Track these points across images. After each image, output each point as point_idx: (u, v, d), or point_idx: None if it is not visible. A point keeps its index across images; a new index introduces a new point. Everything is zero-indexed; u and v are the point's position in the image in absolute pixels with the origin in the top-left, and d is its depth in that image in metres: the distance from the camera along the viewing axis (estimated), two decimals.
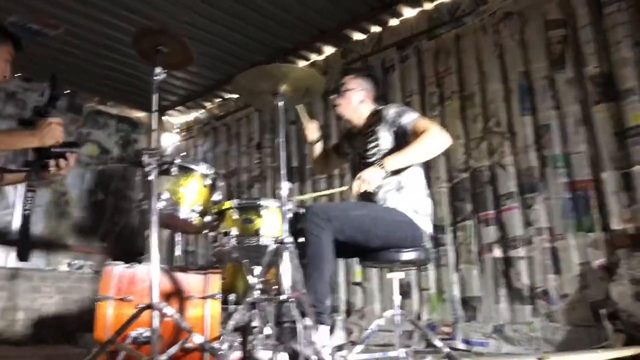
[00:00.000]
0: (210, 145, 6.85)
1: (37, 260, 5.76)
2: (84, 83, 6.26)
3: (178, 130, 7.47)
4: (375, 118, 2.93)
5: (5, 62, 2.50)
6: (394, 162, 2.67)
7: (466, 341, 4.08)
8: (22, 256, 2.34)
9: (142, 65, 5.50)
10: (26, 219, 2.32)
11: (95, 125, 6.64)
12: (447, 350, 2.92)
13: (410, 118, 2.79)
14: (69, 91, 6.37)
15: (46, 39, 5.22)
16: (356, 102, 3.04)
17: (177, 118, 7.44)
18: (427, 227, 2.85)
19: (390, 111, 2.87)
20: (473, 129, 4.45)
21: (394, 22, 5.17)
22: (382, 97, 4.95)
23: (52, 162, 2.35)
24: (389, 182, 2.80)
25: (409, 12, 5.06)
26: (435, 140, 2.70)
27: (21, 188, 5.67)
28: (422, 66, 4.88)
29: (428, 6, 4.91)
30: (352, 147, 3.15)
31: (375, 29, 5.30)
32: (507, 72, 4.31)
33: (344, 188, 2.73)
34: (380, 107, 2.98)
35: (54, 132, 2.33)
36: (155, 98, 2.87)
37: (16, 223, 5.59)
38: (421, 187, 2.91)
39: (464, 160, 4.44)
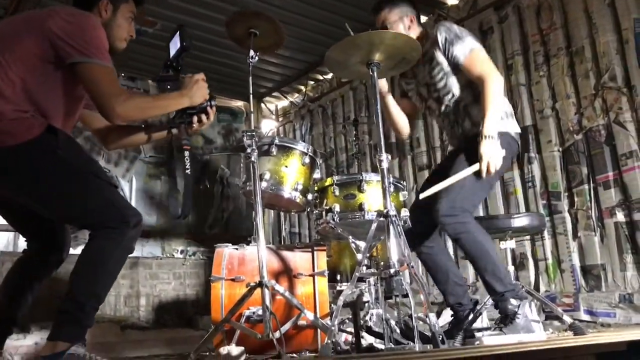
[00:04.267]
0: (307, 127, 6.89)
1: (153, 248, 6.09)
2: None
3: (275, 115, 7.57)
4: (428, 43, 2.83)
5: (128, 21, 2.39)
6: (493, 125, 2.58)
7: (590, 312, 3.83)
8: (184, 212, 2.63)
9: (237, 55, 5.61)
10: (189, 178, 2.58)
11: None
12: (570, 321, 2.75)
13: (461, 50, 2.69)
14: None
15: (146, 36, 5.43)
16: (404, 30, 2.86)
17: (274, 104, 7.55)
18: (516, 128, 2.83)
19: (440, 36, 2.76)
20: (584, 87, 4.13)
21: None
22: None
23: (195, 117, 2.36)
24: (462, 97, 2.81)
25: None
26: (500, 86, 2.64)
27: (135, 181, 6.00)
28: (524, 25, 4.59)
29: None
30: (413, 79, 3.04)
31: None
32: (620, 20, 3.95)
33: (475, 168, 2.57)
34: (427, 30, 2.92)
35: (202, 90, 2.33)
36: (251, 81, 2.90)
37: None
38: None
39: (577, 121, 4.15)
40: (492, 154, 2.53)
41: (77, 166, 2.10)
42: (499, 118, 2.62)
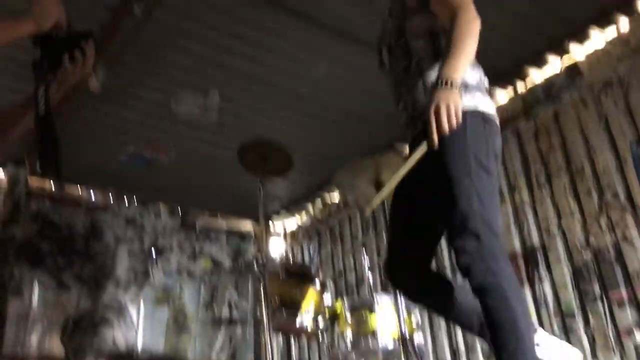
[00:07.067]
0: (315, 248, 6.91)
1: None
2: (195, 200, 6.63)
3: (283, 236, 7.62)
4: None
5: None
6: (457, 68, 1.82)
7: None
8: (44, 168, 1.72)
9: (246, 177, 5.77)
10: (45, 120, 1.68)
11: (207, 239, 6.91)
12: None
13: None
14: (180, 211, 6.74)
15: (159, 163, 5.65)
16: None
17: (282, 224, 7.63)
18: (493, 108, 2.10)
19: None
20: (588, 205, 4.20)
21: None
22: None
23: (65, 55, 1.72)
24: (417, 49, 2.07)
25: (502, 96, 5.04)
26: (477, 28, 1.92)
27: (144, 306, 5.96)
28: (524, 147, 4.76)
29: (521, 89, 4.88)
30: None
31: None
32: (616, 142, 4.11)
33: (422, 150, 1.78)
34: None
35: (48, 8, 1.67)
36: (261, 207, 2.98)
37: (140, 343, 5.79)
38: None
39: (584, 238, 4.17)
40: (448, 100, 1.75)
41: None
42: (467, 65, 1.89)
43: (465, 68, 1.87)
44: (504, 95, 5.03)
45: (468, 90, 1.95)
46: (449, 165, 1.85)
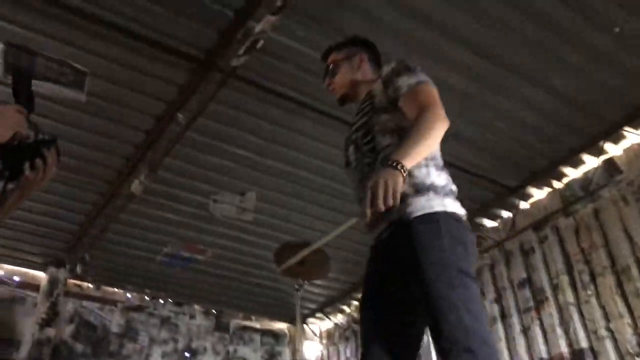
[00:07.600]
0: (352, 350, 6.70)
1: None
2: (230, 301, 6.59)
3: (319, 338, 7.44)
4: (376, 83, 2.20)
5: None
6: (408, 154, 1.79)
7: None
8: None
9: (280, 277, 5.74)
10: None
11: (241, 341, 6.79)
12: None
13: (407, 82, 2.02)
14: (215, 312, 6.67)
15: (196, 263, 5.68)
16: (352, 70, 2.34)
17: (318, 325, 7.46)
18: (462, 210, 1.97)
19: (387, 67, 2.15)
20: (637, 306, 4.01)
21: (524, 205, 5.10)
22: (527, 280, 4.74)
23: (26, 163, 1.70)
24: (384, 146, 2.02)
25: (538, 193, 5.00)
26: (442, 127, 1.90)
27: None
28: (564, 244, 4.65)
29: (557, 185, 4.84)
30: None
31: (507, 213, 5.25)
32: None
33: (353, 220, 1.66)
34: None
35: (8, 118, 1.65)
36: (298, 310, 2.94)
37: None
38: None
39: (636, 342, 3.95)
40: (387, 178, 1.71)
41: None
42: (419, 157, 1.85)
43: (417, 159, 1.83)
44: (539, 192, 4.99)
45: (437, 193, 1.92)
46: (431, 279, 1.74)
